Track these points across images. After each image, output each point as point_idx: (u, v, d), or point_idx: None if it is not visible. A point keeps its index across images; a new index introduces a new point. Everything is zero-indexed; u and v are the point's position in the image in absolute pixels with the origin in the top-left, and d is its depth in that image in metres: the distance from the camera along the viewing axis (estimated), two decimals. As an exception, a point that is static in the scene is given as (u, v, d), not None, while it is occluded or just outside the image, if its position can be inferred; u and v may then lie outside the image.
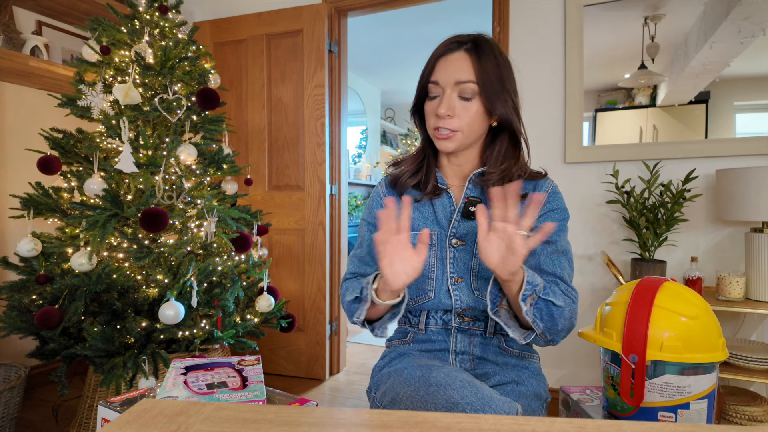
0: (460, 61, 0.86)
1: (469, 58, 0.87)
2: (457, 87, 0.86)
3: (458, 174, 0.97)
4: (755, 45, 1.70)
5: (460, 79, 0.86)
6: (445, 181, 0.97)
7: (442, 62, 0.88)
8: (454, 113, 0.87)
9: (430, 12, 3.47)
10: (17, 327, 1.44)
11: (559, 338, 0.85)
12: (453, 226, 0.93)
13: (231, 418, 0.44)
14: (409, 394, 0.72)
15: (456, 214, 0.93)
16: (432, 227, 0.95)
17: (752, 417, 1.50)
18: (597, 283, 1.97)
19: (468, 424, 0.41)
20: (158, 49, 1.67)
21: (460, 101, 0.87)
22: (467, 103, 0.87)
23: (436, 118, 0.88)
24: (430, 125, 0.91)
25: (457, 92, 0.86)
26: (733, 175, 1.58)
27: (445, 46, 0.89)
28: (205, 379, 0.81)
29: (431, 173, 0.97)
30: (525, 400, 0.85)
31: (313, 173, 2.37)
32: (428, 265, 0.94)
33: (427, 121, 0.92)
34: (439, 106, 0.87)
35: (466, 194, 0.94)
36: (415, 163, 0.99)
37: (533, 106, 2.05)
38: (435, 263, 0.93)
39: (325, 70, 2.33)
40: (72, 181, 1.58)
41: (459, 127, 0.87)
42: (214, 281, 1.66)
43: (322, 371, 2.39)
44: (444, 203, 0.95)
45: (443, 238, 0.94)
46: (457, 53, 0.87)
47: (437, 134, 0.89)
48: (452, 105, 0.86)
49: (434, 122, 0.89)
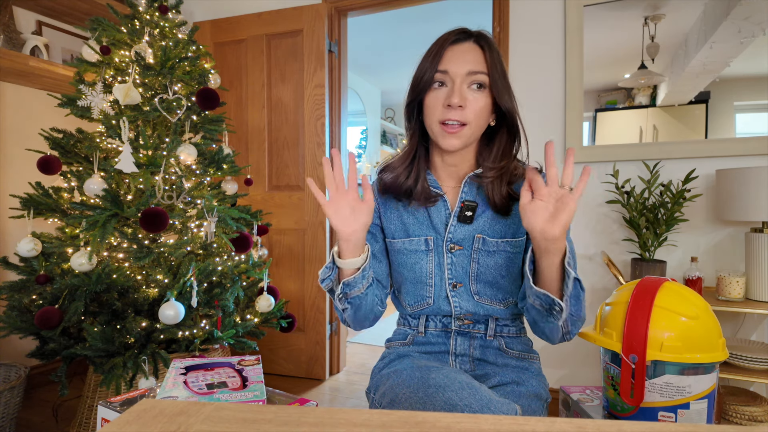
0: (471, 52, 0.83)
1: (479, 49, 0.84)
2: (469, 78, 0.82)
3: (453, 175, 0.93)
4: (755, 45, 1.70)
5: (473, 69, 0.82)
6: (438, 183, 0.93)
7: (451, 51, 0.83)
8: (466, 104, 0.82)
9: (430, 12, 3.47)
10: (17, 327, 1.44)
11: (576, 330, 0.82)
12: (449, 231, 0.90)
13: (231, 418, 0.44)
14: (407, 396, 0.72)
15: (452, 219, 0.90)
16: (427, 232, 0.92)
17: (752, 417, 1.50)
18: (597, 283, 1.97)
19: (468, 424, 0.41)
20: (158, 49, 1.67)
21: (471, 92, 0.83)
22: (478, 95, 0.83)
23: (444, 109, 0.83)
24: (434, 118, 0.84)
25: (468, 83, 0.83)
26: (733, 175, 1.57)
27: (455, 35, 0.84)
28: (205, 379, 0.81)
29: (422, 176, 0.92)
30: (525, 400, 0.85)
31: (313, 173, 2.37)
32: (426, 272, 0.92)
33: (430, 114, 0.85)
34: (450, 95, 0.82)
35: (461, 198, 0.90)
36: (406, 163, 0.92)
37: (533, 106, 2.05)
38: (432, 269, 0.92)
39: (325, 70, 2.33)
40: (72, 181, 1.58)
41: (468, 119, 0.83)
42: (214, 281, 1.66)
43: (322, 371, 2.39)
44: (439, 207, 0.92)
45: (440, 244, 0.91)
46: (466, 44, 0.84)
47: (445, 128, 0.83)
48: (464, 95, 0.82)
49: (442, 114, 0.83)
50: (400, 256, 0.94)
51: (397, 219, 0.95)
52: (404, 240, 0.93)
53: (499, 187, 0.88)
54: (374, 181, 1.00)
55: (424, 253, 0.92)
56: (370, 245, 0.95)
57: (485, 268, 0.90)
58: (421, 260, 0.92)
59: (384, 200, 0.97)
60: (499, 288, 0.90)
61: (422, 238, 0.92)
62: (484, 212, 0.90)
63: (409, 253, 0.93)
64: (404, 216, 0.94)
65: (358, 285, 0.84)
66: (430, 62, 0.84)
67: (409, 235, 0.93)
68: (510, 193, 0.88)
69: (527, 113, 2.06)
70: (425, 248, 0.92)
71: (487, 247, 0.89)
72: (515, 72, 2.07)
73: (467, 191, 0.91)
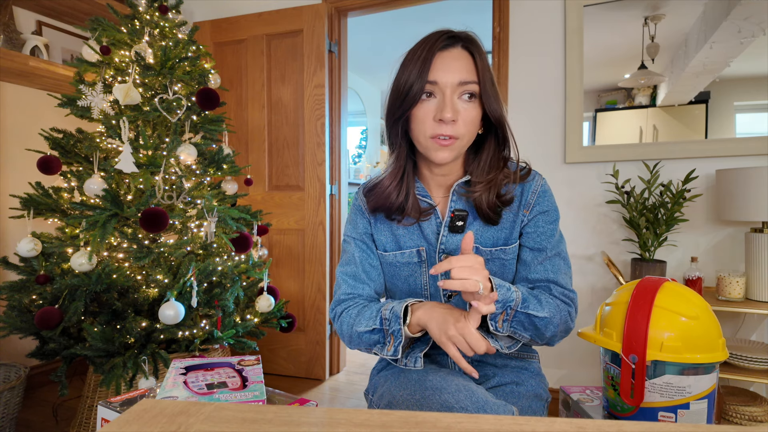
0: (460, 59, 0.78)
1: (469, 55, 0.79)
2: (459, 88, 0.77)
3: (442, 185, 0.90)
4: (755, 45, 1.70)
5: (464, 79, 0.77)
6: (428, 192, 0.90)
7: (440, 59, 0.78)
8: (458, 117, 0.78)
9: (430, 12, 3.47)
10: (17, 327, 1.44)
11: (554, 342, 0.83)
12: (441, 242, 0.89)
13: (231, 418, 0.44)
14: (405, 398, 0.72)
15: (443, 229, 0.88)
16: (419, 243, 0.90)
17: (752, 417, 1.50)
18: (597, 283, 1.97)
19: (468, 424, 0.41)
20: (158, 49, 1.67)
21: (462, 103, 0.78)
22: (468, 106, 0.79)
23: (436, 124, 0.78)
24: (425, 132, 0.80)
25: (458, 93, 0.78)
26: (733, 175, 1.57)
27: (443, 41, 0.78)
28: (205, 379, 0.81)
29: (411, 191, 0.88)
30: (525, 400, 0.85)
31: (313, 173, 2.37)
32: (420, 283, 0.91)
33: (419, 128, 0.80)
34: (442, 109, 0.77)
35: (451, 207, 0.88)
36: (395, 182, 0.87)
37: (533, 106, 2.05)
38: (427, 280, 0.91)
39: (325, 70, 2.33)
40: (72, 181, 1.58)
41: (460, 133, 0.78)
42: (214, 281, 1.66)
43: (322, 371, 2.39)
44: (429, 218, 0.89)
45: (432, 254, 0.90)
46: (454, 50, 0.79)
47: (438, 142, 0.79)
48: (456, 108, 0.77)
49: (433, 129, 0.78)
50: (393, 268, 0.93)
51: (388, 231, 0.92)
52: (396, 253, 0.92)
53: (487, 198, 0.85)
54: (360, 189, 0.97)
55: (417, 265, 0.91)
56: (368, 257, 0.93)
57: None
58: (414, 272, 0.91)
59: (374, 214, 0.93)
60: None
61: (414, 250, 0.91)
62: (475, 220, 0.88)
63: (402, 266, 0.92)
64: (395, 228, 0.92)
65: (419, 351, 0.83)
66: (418, 72, 0.77)
67: (401, 248, 0.91)
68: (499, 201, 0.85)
69: (527, 113, 2.07)
70: (418, 260, 0.91)
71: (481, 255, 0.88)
72: (515, 72, 2.07)
73: (456, 200, 0.88)
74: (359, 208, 0.95)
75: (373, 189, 0.90)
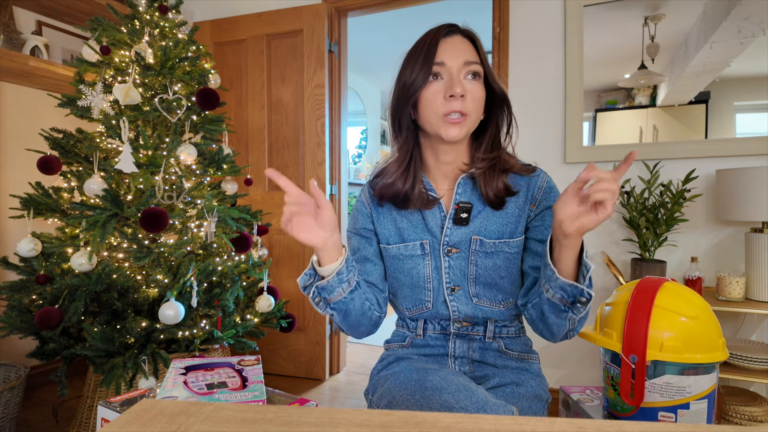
0: (463, 43, 0.85)
1: (469, 41, 0.86)
2: (465, 67, 0.83)
3: (447, 176, 0.92)
4: (755, 45, 1.70)
5: (469, 59, 0.83)
6: (432, 186, 0.92)
7: (444, 44, 0.84)
8: (467, 92, 0.82)
9: (430, 12, 3.46)
10: (17, 327, 1.44)
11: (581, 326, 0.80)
12: (446, 234, 0.89)
13: (231, 418, 0.44)
14: (404, 398, 0.72)
15: (447, 221, 0.89)
16: (423, 236, 0.91)
17: (752, 417, 1.50)
18: (597, 283, 1.97)
19: (468, 424, 0.41)
20: (158, 49, 1.67)
21: (468, 82, 0.83)
22: (475, 83, 0.84)
23: (446, 100, 0.82)
24: (436, 111, 0.83)
25: (464, 73, 0.83)
26: (733, 175, 1.57)
27: (446, 29, 0.86)
28: (205, 379, 0.81)
29: (418, 180, 0.90)
30: (525, 401, 0.85)
31: (313, 173, 2.37)
32: (423, 276, 0.91)
33: (428, 108, 0.84)
34: (452, 86, 0.81)
35: (455, 200, 0.89)
36: (401, 168, 0.90)
37: (533, 106, 2.05)
38: (430, 273, 0.91)
39: (325, 70, 2.33)
40: (72, 181, 1.58)
41: (470, 109, 0.82)
42: (214, 281, 1.66)
43: (322, 371, 2.39)
44: (434, 210, 0.91)
45: (436, 247, 0.90)
46: (456, 37, 0.86)
47: (449, 119, 0.82)
48: (464, 85, 0.82)
49: (444, 106, 0.82)
50: (396, 261, 0.93)
51: (391, 224, 0.93)
52: (399, 245, 0.92)
53: (492, 179, 0.87)
54: (366, 185, 0.98)
55: (421, 258, 0.91)
56: (364, 249, 0.94)
57: (483, 270, 0.89)
58: (418, 265, 0.91)
59: (376, 205, 0.95)
60: (498, 289, 0.90)
61: (418, 243, 0.91)
62: (480, 213, 0.89)
63: (406, 258, 0.92)
64: (398, 220, 0.93)
65: (336, 289, 0.80)
66: (424, 56, 0.83)
67: (405, 240, 0.92)
68: (505, 185, 0.87)
69: (527, 113, 2.07)
70: (421, 252, 0.91)
71: (485, 248, 0.88)
72: (515, 72, 2.07)
73: (461, 192, 0.90)
74: (361, 203, 0.97)
75: (379, 175, 0.94)
